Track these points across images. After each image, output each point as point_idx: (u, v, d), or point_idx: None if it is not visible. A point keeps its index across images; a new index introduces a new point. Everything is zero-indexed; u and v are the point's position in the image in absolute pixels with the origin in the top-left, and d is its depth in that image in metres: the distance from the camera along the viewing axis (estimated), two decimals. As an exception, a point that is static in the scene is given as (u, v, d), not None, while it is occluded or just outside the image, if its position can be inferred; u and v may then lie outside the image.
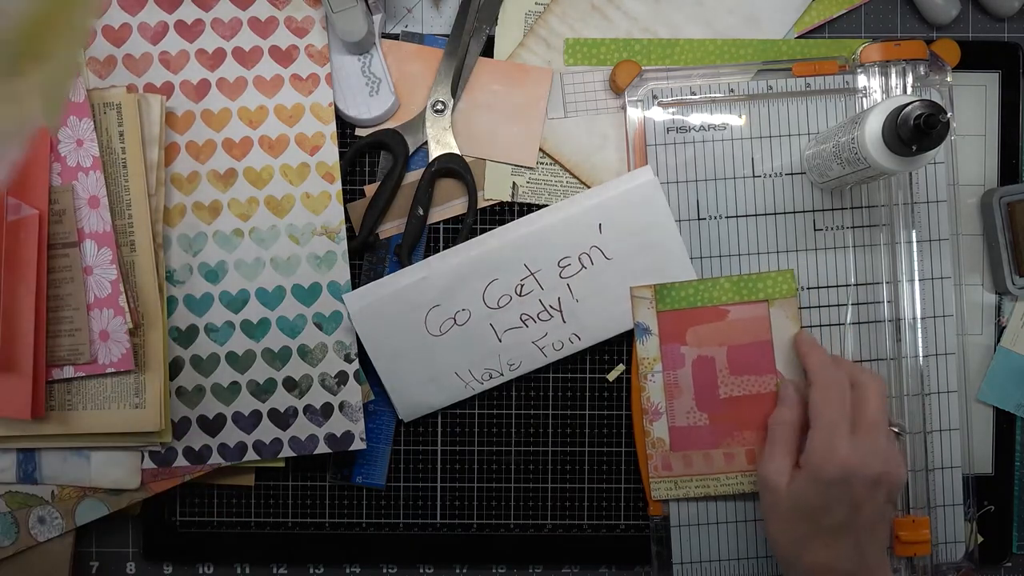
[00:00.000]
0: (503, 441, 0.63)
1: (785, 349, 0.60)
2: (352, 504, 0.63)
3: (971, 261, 0.63)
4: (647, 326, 0.60)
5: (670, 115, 0.61)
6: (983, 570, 0.63)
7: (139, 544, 0.63)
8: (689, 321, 0.60)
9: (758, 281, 0.60)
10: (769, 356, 0.60)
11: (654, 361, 0.60)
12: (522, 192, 0.62)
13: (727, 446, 0.60)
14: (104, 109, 0.58)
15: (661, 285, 0.60)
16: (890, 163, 0.51)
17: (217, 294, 0.60)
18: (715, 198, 0.61)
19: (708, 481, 0.60)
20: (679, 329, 0.60)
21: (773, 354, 0.60)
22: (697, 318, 0.60)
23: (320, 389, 0.60)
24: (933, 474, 0.61)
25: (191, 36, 0.61)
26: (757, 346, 0.60)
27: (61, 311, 0.57)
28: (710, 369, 0.60)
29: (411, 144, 0.62)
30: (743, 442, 0.60)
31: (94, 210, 0.58)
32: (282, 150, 0.61)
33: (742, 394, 0.60)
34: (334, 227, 0.61)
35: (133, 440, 0.59)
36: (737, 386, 0.60)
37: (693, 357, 0.60)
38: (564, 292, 0.60)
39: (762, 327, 0.60)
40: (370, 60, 0.61)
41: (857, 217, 0.61)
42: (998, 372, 0.62)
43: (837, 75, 0.60)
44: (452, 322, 0.60)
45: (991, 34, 0.64)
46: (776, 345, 0.60)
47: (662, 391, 0.60)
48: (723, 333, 0.60)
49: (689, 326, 0.60)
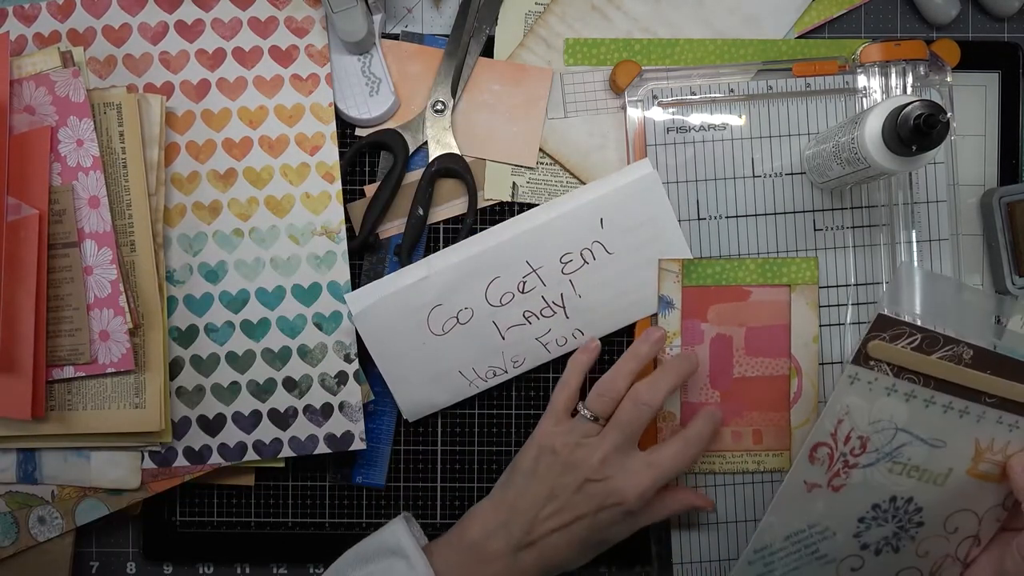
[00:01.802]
0: (503, 441, 0.63)
1: (801, 334, 0.60)
2: (352, 504, 0.63)
3: (971, 261, 0.63)
4: (671, 299, 0.60)
5: (670, 115, 0.61)
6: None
7: (139, 544, 0.63)
8: (712, 299, 0.60)
9: (782, 266, 0.60)
10: (785, 340, 0.60)
11: (674, 335, 0.60)
12: (522, 192, 0.62)
13: (735, 424, 0.60)
14: (104, 109, 0.58)
15: (689, 260, 0.60)
16: (890, 163, 0.51)
17: (217, 294, 0.60)
18: (715, 198, 0.61)
19: (713, 458, 0.60)
20: (701, 306, 0.60)
21: (790, 338, 0.60)
22: (720, 296, 0.60)
23: (320, 389, 0.60)
24: (933, 474, 0.61)
25: (191, 36, 0.61)
26: (775, 329, 0.60)
27: (61, 311, 0.57)
28: (727, 348, 0.60)
29: (411, 144, 0.62)
30: (751, 422, 0.60)
31: (94, 210, 0.58)
32: (282, 150, 0.61)
33: (755, 375, 0.60)
34: (334, 227, 0.61)
35: (133, 440, 0.59)
36: (751, 367, 0.60)
37: (712, 335, 0.60)
38: (567, 288, 0.60)
39: (781, 311, 0.60)
40: (370, 60, 0.61)
41: (857, 217, 0.61)
42: (998, 372, 0.62)
43: (837, 75, 0.60)
44: (455, 321, 0.60)
45: (991, 34, 0.64)
46: (793, 330, 0.60)
47: None
48: (743, 313, 0.60)
49: (711, 304, 0.60)
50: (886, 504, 0.51)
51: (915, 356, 0.48)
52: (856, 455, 0.51)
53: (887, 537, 0.53)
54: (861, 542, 0.53)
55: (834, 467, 0.52)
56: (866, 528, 0.52)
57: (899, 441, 0.50)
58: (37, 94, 0.58)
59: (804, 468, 0.52)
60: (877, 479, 0.51)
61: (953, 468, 0.51)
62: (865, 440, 0.51)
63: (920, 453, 0.50)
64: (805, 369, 0.60)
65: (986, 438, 0.50)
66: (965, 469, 0.51)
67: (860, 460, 0.51)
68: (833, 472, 0.52)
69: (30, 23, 0.61)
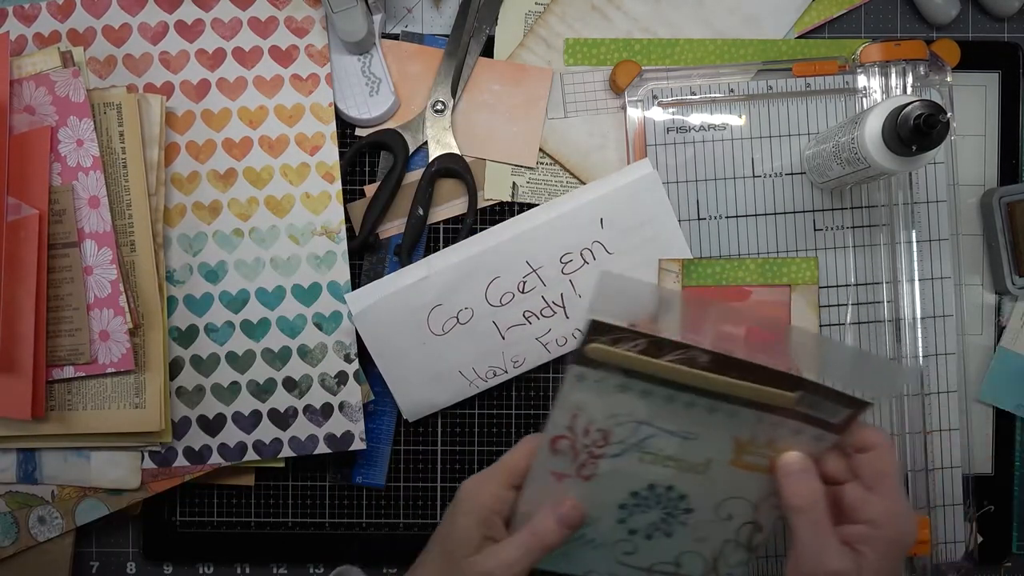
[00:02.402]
0: (503, 441, 0.63)
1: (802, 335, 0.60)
2: (352, 504, 0.63)
3: (971, 261, 0.63)
4: None
5: (670, 115, 0.61)
6: (983, 570, 0.63)
7: (139, 544, 0.63)
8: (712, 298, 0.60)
9: (783, 266, 0.60)
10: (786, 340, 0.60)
11: None
12: (522, 192, 0.62)
13: None
14: (104, 109, 0.58)
15: (689, 260, 0.60)
16: (890, 163, 0.51)
17: (217, 294, 0.60)
18: (715, 198, 0.61)
19: None
20: None
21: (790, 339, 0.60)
22: (720, 296, 0.60)
23: (320, 389, 0.60)
24: (933, 474, 0.61)
25: (191, 36, 0.61)
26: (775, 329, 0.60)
27: (61, 311, 0.57)
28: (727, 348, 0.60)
29: (411, 144, 0.62)
30: None
31: (94, 210, 0.58)
32: (282, 150, 0.61)
33: None
34: (334, 227, 0.61)
35: (133, 440, 0.59)
36: None
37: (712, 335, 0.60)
38: (567, 288, 0.60)
39: (782, 311, 0.60)
40: (370, 60, 0.61)
41: (857, 217, 0.61)
42: (998, 372, 0.62)
43: (837, 75, 0.60)
44: (455, 321, 0.60)
45: (991, 34, 0.64)
46: None
47: None
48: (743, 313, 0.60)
49: None
50: (645, 491, 0.49)
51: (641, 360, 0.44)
52: (600, 446, 0.48)
53: (655, 523, 0.50)
54: (628, 527, 0.50)
55: (579, 458, 0.48)
56: (629, 514, 0.49)
57: (643, 433, 0.47)
58: (37, 94, 0.58)
59: (548, 459, 0.48)
60: (630, 468, 0.48)
61: (712, 458, 0.48)
62: (607, 432, 0.47)
63: (671, 444, 0.47)
64: (805, 369, 0.60)
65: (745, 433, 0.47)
66: (727, 460, 0.48)
67: (606, 451, 0.48)
68: (580, 463, 0.48)
69: (30, 23, 0.61)
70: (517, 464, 0.49)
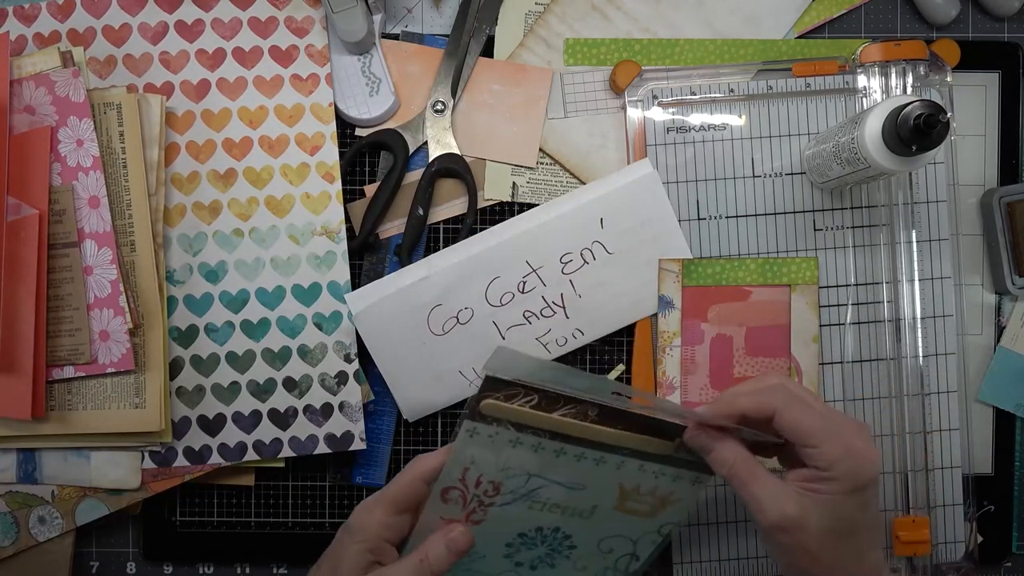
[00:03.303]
0: (503, 441, 0.63)
1: (801, 334, 0.60)
2: (352, 504, 0.63)
3: (971, 261, 0.63)
4: (671, 299, 0.60)
5: (670, 115, 0.61)
6: (983, 570, 0.63)
7: (139, 544, 0.63)
8: (712, 299, 0.61)
9: (783, 266, 0.60)
10: (785, 340, 0.60)
11: (674, 335, 0.60)
12: (522, 192, 0.62)
13: None
14: (104, 109, 0.58)
15: (689, 260, 0.60)
16: (890, 163, 0.51)
17: (217, 294, 0.60)
18: (715, 198, 0.61)
19: None
20: (702, 306, 0.61)
21: (790, 338, 0.60)
22: (720, 296, 0.61)
23: (320, 389, 0.60)
24: (933, 474, 0.61)
25: (191, 36, 0.61)
26: (775, 329, 0.60)
27: (61, 311, 0.57)
28: (727, 348, 0.61)
29: (411, 144, 0.62)
30: None
31: (94, 210, 0.58)
32: (282, 150, 0.61)
33: (755, 375, 0.60)
34: (334, 227, 0.61)
35: (133, 440, 0.59)
36: (751, 367, 0.60)
37: (712, 335, 0.61)
38: (567, 288, 0.60)
39: (782, 311, 0.60)
40: (370, 60, 0.61)
41: (857, 217, 0.61)
42: (998, 372, 0.62)
43: (837, 75, 0.60)
44: (455, 321, 0.60)
45: (991, 34, 0.64)
46: (793, 330, 0.60)
47: (678, 366, 0.61)
48: (744, 313, 0.60)
49: (712, 303, 0.60)
50: (532, 533, 0.51)
51: (534, 414, 0.46)
52: (491, 496, 0.49)
53: (540, 556, 0.52)
54: (514, 561, 0.52)
55: (469, 506, 0.49)
56: (515, 551, 0.51)
57: (533, 484, 0.49)
58: (37, 94, 0.58)
59: (439, 507, 0.49)
60: (518, 514, 0.50)
61: (598, 505, 0.50)
62: (498, 484, 0.48)
63: (559, 493, 0.49)
64: (805, 369, 0.61)
65: (630, 482, 0.49)
66: (612, 507, 0.50)
67: (496, 500, 0.49)
68: (469, 510, 0.49)
69: (30, 23, 0.61)
70: (404, 492, 0.49)
